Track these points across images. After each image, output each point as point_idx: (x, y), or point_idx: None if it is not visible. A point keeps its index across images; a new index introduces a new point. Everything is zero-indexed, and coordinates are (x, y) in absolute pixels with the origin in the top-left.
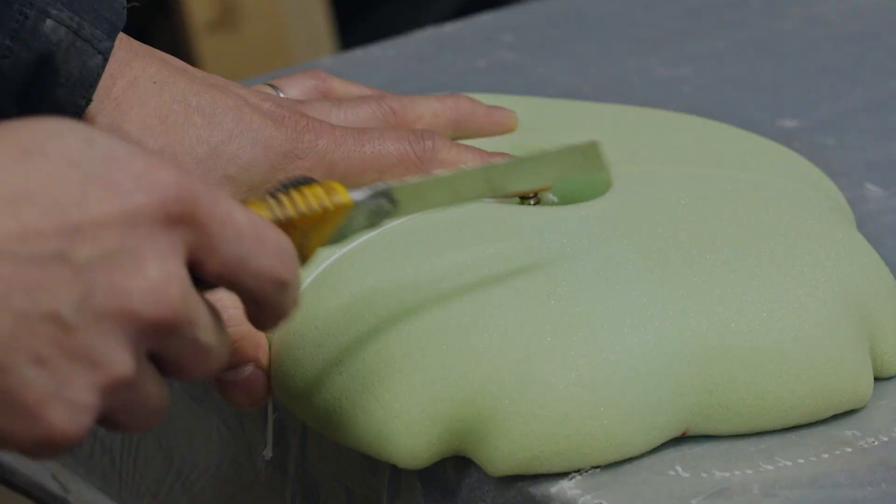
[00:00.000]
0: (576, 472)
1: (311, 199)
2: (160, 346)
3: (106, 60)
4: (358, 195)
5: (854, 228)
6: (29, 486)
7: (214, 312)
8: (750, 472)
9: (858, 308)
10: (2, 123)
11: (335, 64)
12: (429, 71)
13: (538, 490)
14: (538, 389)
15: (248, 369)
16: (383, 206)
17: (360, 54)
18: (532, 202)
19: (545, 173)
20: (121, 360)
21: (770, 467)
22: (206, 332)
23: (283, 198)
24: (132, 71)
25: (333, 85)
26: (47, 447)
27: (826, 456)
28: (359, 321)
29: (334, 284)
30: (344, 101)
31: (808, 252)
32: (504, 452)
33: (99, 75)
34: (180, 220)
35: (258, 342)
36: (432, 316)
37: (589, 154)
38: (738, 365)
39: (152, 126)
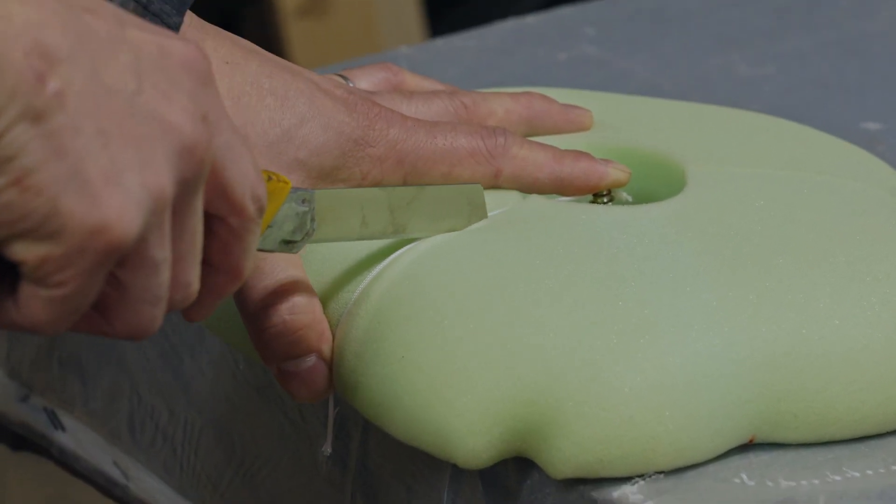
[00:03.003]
0: (639, 476)
1: None
2: (177, 202)
3: None
4: (293, 189)
5: None
6: (90, 472)
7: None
8: (817, 482)
9: None
10: None
11: (415, 53)
12: (509, 63)
13: (600, 494)
14: (603, 392)
15: (310, 360)
16: (307, 219)
17: (440, 44)
18: (605, 200)
19: (439, 213)
20: (164, 172)
21: (838, 478)
22: (201, 227)
23: None
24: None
25: (405, 78)
26: (100, 238)
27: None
28: (421, 317)
29: (397, 280)
30: (415, 95)
31: (882, 258)
32: (566, 455)
33: None
34: (202, 76)
35: (321, 332)
36: (497, 314)
37: (474, 197)
38: (808, 372)
39: (225, 107)
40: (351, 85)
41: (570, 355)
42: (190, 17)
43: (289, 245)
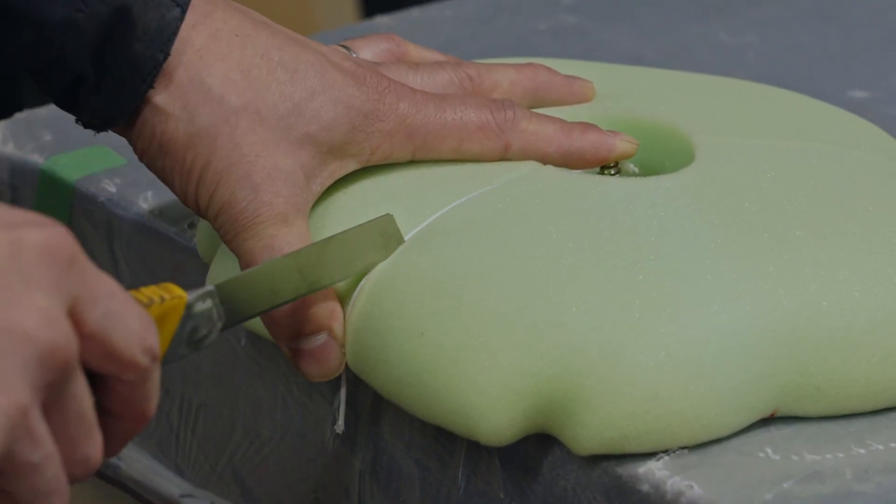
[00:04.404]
0: (663, 452)
1: (149, 294)
2: (49, 398)
3: (184, 13)
4: (189, 295)
5: None
6: None
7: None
8: (841, 455)
9: None
10: None
11: (393, 24)
12: (489, 33)
13: (625, 470)
14: (627, 367)
15: (322, 338)
16: (212, 314)
17: (416, 14)
18: (613, 172)
19: (353, 256)
20: (19, 385)
21: (862, 451)
22: (88, 404)
23: None
24: (214, 22)
25: (408, 49)
26: None
27: None
28: (441, 293)
29: (415, 256)
30: (420, 66)
31: None
32: (591, 431)
33: (177, 28)
34: (64, 260)
35: (332, 310)
36: (518, 289)
37: (387, 227)
38: (830, 345)
39: (235, 81)
40: (355, 56)
41: (592, 331)
42: None
43: (198, 342)
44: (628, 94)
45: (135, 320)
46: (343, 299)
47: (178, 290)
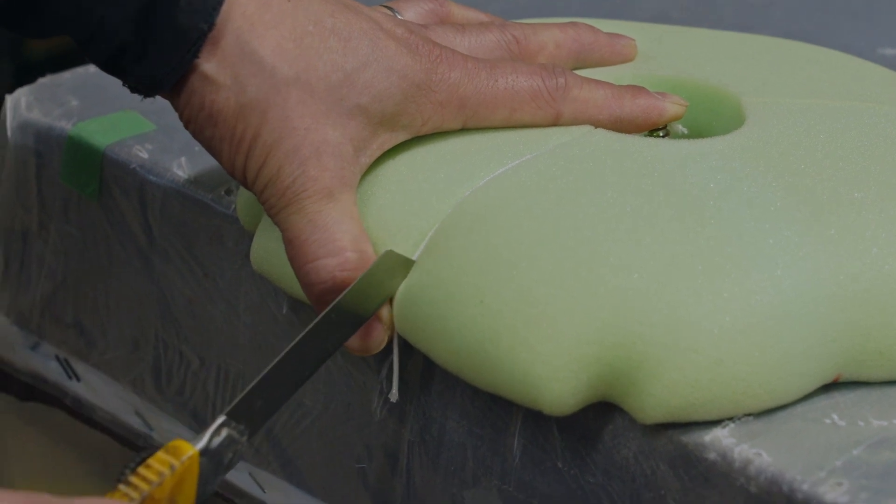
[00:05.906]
0: (728, 419)
1: (159, 467)
2: None
3: None
4: (200, 442)
5: None
6: (108, 422)
7: None
8: None
9: None
10: None
11: None
12: None
13: (690, 438)
14: (691, 333)
15: None
16: (233, 438)
17: None
18: (662, 134)
19: (360, 307)
20: None
21: None
22: None
23: (134, 479)
24: None
25: (451, 9)
26: None
27: None
28: (499, 260)
29: (469, 223)
30: (467, 29)
31: None
32: (656, 399)
33: None
34: None
35: None
36: (577, 254)
37: (394, 261)
38: (893, 308)
39: (287, 50)
40: (399, 17)
41: (655, 297)
42: None
43: (228, 466)
44: (671, 54)
45: None
46: None
47: (186, 448)
